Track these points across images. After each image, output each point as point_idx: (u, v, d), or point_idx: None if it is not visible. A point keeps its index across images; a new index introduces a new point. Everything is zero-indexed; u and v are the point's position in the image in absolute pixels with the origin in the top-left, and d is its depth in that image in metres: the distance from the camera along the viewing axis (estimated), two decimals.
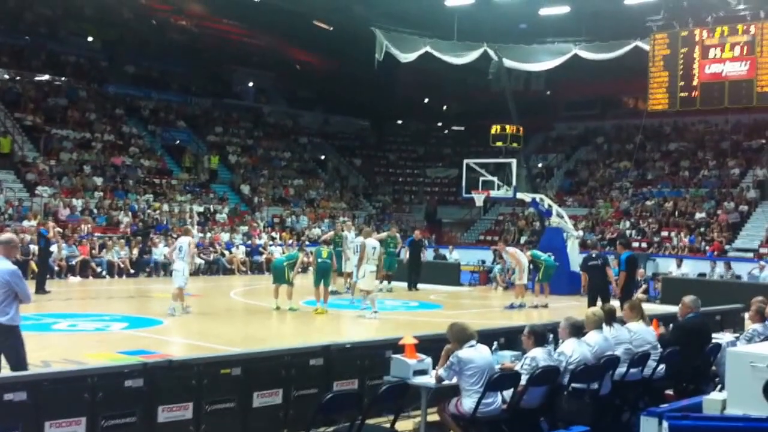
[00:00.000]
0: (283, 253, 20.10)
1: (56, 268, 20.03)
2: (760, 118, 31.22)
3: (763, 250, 25.14)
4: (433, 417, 6.43)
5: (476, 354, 6.12)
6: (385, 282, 20.08)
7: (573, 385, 6.53)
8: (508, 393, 6.26)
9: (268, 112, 38.83)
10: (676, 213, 28.94)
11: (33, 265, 18.77)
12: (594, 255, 14.58)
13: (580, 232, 24.84)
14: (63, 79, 31.93)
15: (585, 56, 26.09)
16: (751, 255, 25.02)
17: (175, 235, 24.66)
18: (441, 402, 6.35)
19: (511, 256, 17.54)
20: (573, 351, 6.66)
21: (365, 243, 15.03)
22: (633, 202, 30.80)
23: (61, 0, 32.57)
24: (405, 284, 20.61)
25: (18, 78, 30.31)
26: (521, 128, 25.43)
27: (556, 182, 35.35)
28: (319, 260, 15.02)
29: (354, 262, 16.28)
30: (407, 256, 20.99)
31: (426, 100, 43.41)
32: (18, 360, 6.60)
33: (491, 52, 26.39)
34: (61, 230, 21.61)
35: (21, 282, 6.74)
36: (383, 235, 19.51)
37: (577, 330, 6.92)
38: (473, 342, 6.19)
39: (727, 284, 19.93)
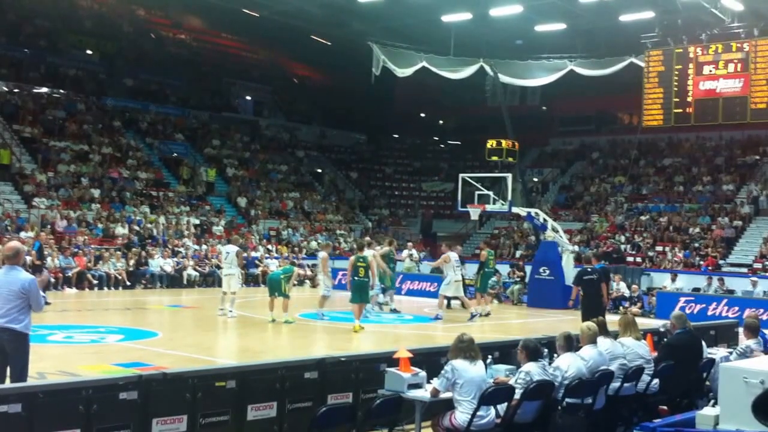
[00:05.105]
0: (279, 266, 20.14)
1: (52, 280, 19.97)
2: (753, 135, 31.44)
3: (757, 266, 25.23)
4: (427, 431, 6.45)
5: (471, 366, 6.15)
6: (381, 295, 20.05)
7: (567, 399, 6.53)
8: (502, 407, 6.25)
9: (265, 125, 38.91)
10: (671, 228, 29.01)
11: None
12: (590, 270, 14.14)
13: (576, 247, 24.88)
14: (61, 91, 31.95)
15: (580, 72, 26.26)
16: (745, 270, 25.08)
17: (169, 247, 24.75)
18: (435, 416, 6.36)
19: (443, 260, 17.36)
20: (568, 366, 6.68)
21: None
22: (627, 217, 30.87)
23: (61, 13, 32.73)
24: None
25: (17, 90, 30.35)
26: (517, 143, 25.53)
27: (551, 197, 35.45)
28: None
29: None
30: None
31: (422, 115, 43.66)
32: (23, 369, 6.66)
33: (487, 68, 26.58)
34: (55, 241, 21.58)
35: (36, 291, 6.86)
36: (385, 249, 19.31)
37: (572, 344, 6.94)
38: (471, 356, 6.21)
39: (721, 299, 19.95)
